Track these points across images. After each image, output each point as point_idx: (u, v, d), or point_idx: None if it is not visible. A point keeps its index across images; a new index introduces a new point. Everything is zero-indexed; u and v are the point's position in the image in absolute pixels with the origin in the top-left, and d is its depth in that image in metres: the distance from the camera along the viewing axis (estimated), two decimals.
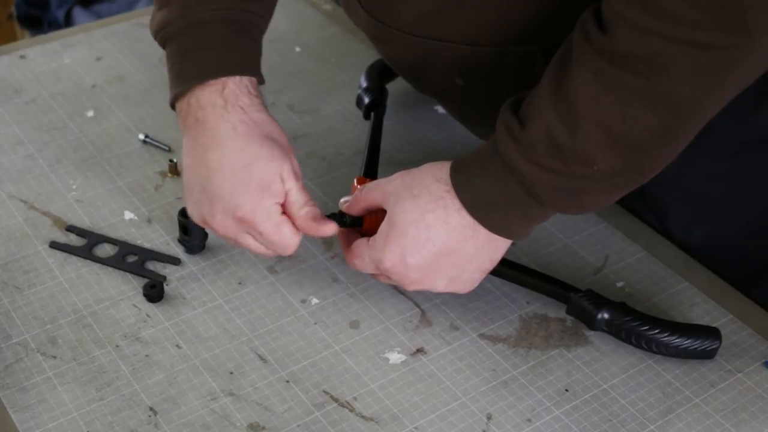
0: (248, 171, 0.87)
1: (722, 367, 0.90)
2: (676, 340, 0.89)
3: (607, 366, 0.90)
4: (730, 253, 1.04)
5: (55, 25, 2.00)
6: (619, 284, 0.99)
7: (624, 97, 0.76)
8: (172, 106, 0.92)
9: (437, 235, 0.85)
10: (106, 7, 2.00)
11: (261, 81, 0.93)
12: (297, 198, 0.89)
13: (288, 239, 0.89)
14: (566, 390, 0.88)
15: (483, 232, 0.85)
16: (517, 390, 0.88)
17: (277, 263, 1.00)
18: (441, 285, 0.89)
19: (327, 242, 1.02)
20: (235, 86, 0.89)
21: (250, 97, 0.90)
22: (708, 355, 0.90)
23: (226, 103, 0.88)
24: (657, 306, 0.96)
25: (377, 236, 0.88)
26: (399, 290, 0.97)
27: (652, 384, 0.89)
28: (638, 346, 0.90)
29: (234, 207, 0.87)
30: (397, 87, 1.24)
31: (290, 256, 1.00)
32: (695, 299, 0.97)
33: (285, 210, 0.89)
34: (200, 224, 0.92)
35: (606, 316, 0.90)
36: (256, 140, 0.88)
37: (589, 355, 0.91)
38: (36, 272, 0.98)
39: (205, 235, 1.00)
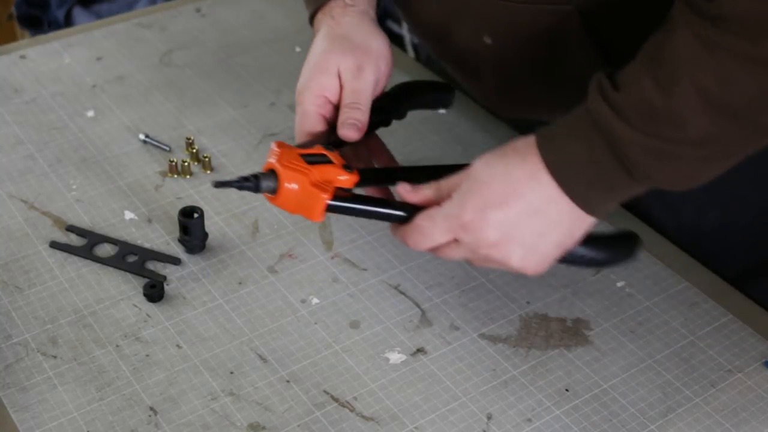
0: (312, 60, 0.95)
1: (722, 367, 0.90)
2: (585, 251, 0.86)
3: (607, 366, 0.90)
4: (744, 239, 1.04)
5: (55, 25, 2.00)
6: (619, 284, 0.99)
7: (724, 60, 0.74)
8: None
9: (523, 190, 0.81)
10: (106, 7, 2.00)
11: None
12: (345, 97, 0.92)
13: (300, 129, 0.93)
14: (566, 390, 0.88)
15: (566, 199, 0.81)
16: (517, 390, 0.88)
17: (277, 263, 1.00)
18: (516, 255, 0.82)
19: (327, 242, 1.02)
20: (333, 2, 0.98)
21: (344, 7, 0.98)
22: (623, 259, 0.89)
23: (323, 16, 0.98)
24: (657, 305, 0.96)
25: (455, 194, 0.83)
26: (399, 290, 0.97)
27: (652, 384, 0.89)
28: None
29: (299, 85, 0.95)
30: None
31: (290, 256, 1.00)
32: (695, 299, 0.97)
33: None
34: None
35: None
36: (330, 38, 0.95)
37: (589, 355, 0.91)
38: (36, 272, 0.98)
39: (205, 235, 1.00)
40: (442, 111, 1.22)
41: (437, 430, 0.84)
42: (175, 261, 1.00)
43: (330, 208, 0.83)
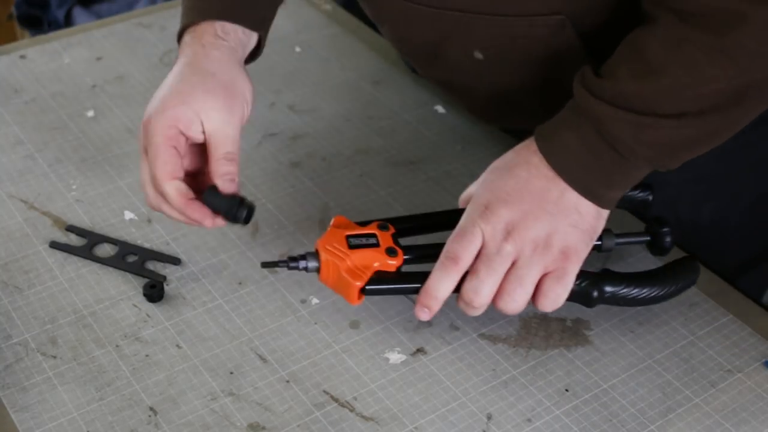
0: (170, 90, 0.89)
1: (722, 367, 0.90)
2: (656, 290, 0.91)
3: (607, 366, 0.90)
4: (738, 232, 1.04)
5: (55, 25, 2.00)
6: None
7: (692, 52, 0.78)
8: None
9: (547, 206, 0.84)
10: (106, 7, 2.00)
11: (255, 29, 0.95)
12: (219, 145, 0.88)
13: (162, 168, 0.86)
14: (566, 390, 0.88)
15: (575, 194, 0.85)
16: (517, 390, 0.88)
17: None
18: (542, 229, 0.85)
19: None
20: (207, 26, 0.93)
21: (215, 37, 0.92)
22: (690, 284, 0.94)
23: (192, 40, 0.93)
24: (657, 305, 0.96)
25: (493, 226, 0.84)
26: None
27: (652, 384, 0.89)
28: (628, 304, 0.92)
29: (146, 115, 0.89)
30: (396, 86, 1.24)
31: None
32: (695, 299, 0.97)
33: (208, 153, 0.89)
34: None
35: (605, 290, 0.90)
36: (194, 71, 0.90)
37: (589, 355, 0.91)
38: (36, 272, 0.98)
39: (241, 201, 0.91)
40: (441, 110, 1.22)
41: (437, 430, 0.85)
42: (175, 261, 1.00)
43: (366, 292, 0.87)
